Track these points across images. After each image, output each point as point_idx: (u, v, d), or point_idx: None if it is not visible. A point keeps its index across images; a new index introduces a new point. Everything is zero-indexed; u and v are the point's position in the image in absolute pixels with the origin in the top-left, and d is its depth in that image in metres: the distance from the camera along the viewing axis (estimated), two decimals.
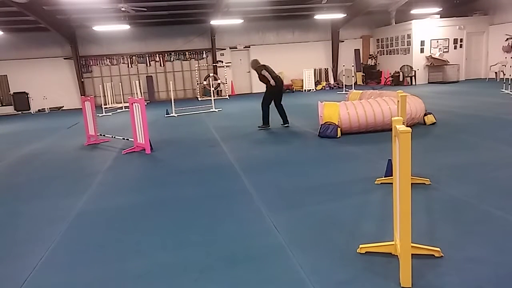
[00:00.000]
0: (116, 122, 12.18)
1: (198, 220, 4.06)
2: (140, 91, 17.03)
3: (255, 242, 3.48)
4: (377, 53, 20.33)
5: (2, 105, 17.59)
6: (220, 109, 13.47)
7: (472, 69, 17.93)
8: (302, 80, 18.93)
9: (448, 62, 17.15)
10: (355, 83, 18.77)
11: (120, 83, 17.81)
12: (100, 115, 13.78)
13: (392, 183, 3.22)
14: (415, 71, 17.26)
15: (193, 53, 18.96)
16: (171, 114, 12.76)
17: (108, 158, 7.22)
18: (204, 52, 19.02)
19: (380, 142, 6.81)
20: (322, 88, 19.02)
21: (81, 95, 15.02)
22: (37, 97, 17.52)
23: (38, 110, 17.70)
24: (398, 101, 4.49)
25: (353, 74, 19.08)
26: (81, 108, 9.17)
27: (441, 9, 17.21)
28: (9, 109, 17.58)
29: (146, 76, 18.62)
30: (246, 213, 4.16)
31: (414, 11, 16.91)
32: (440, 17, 17.61)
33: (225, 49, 19.15)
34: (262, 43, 19.43)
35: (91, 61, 18.15)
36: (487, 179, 4.67)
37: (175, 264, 3.17)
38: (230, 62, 19.17)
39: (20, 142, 9.66)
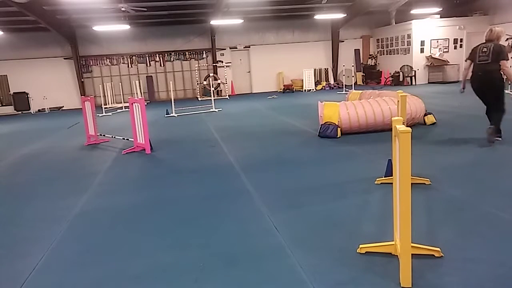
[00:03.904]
0: (116, 122, 12.18)
1: (198, 220, 4.06)
2: (140, 91, 17.03)
3: (255, 242, 3.48)
4: (377, 53, 20.32)
5: (2, 105, 17.59)
6: (220, 109, 13.48)
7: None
8: (302, 80, 18.93)
9: (448, 62, 17.14)
10: (355, 83, 18.77)
11: (120, 83, 17.80)
12: (100, 115, 13.79)
13: (392, 183, 3.22)
14: (415, 71, 17.26)
15: (193, 53, 18.96)
16: (171, 114, 12.76)
17: (108, 158, 7.22)
18: (204, 52, 19.02)
19: (380, 142, 6.81)
20: (322, 88, 19.02)
21: (81, 95, 15.03)
22: (37, 97, 17.52)
23: (38, 110, 17.70)
24: (398, 101, 4.49)
25: (353, 74, 19.08)
26: (81, 108, 9.17)
27: (441, 9, 17.20)
28: (9, 109, 17.59)
29: (146, 76, 18.62)
30: (246, 213, 4.16)
31: (414, 11, 16.91)
32: (440, 17, 17.61)
33: (225, 49, 19.15)
34: (262, 43, 19.43)
35: (91, 61, 18.15)
36: (487, 179, 4.67)
37: (175, 264, 3.17)
38: (230, 62, 19.18)
39: (20, 142, 9.66)
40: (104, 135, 8.78)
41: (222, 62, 18.90)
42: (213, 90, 14.96)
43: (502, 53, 5.92)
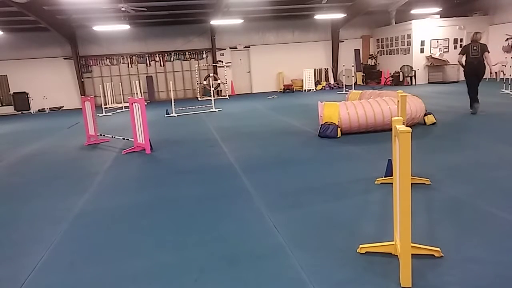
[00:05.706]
0: (116, 122, 12.18)
1: (198, 220, 4.06)
2: (140, 91, 17.03)
3: (255, 242, 3.48)
4: (377, 53, 20.32)
5: (2, 105, 17.59)
6: (220, 109, 13.48)
7: None
8: (302, 80, 18.92)
9: (448, 62, 17.14)
10: (355, 83, 18.76)
11: (120, 83, 17.80)
12: (100, 115, 13.79)
13: (392, 183, 3.22)
14: (415, 71, 17.26)
15: (193, 53, 18.96)
16: (171, 114, 12.76)
17: (108, 158, 7.22)
18: (204, 52, 19.02)
19: (380, 142, 6.81)
20: (322, 88, 19.01)
21: (81, 95, 15.03)
22: (37, 97, 17.51)
23: (38, 110, 17.69)
24: (398, 101, 4.49)
25: (353, 74, 19.08)
26: (81, 108, 9.18)
27: (441, 9, 17.21)
28: (9, 109, 17.58)
29: (146, 76, 18.63)
30: (246, 213, 4.16)
31: (414, 11, 16.91)
32: (440, 17, 17.61)
33: (225, 49, 19.15)
34: (262, 43, 19.43)
35: (91, 61, 18.15)
36: (487, 179, 4.67)
37: (175, 264, 3.17)
38: (230, 62, 19.17)
39: (20, 142, 9.66)
40: (104, 135, 8.78)
41: (222, 62, 18.90)
42: (213, 90, 14.96)
43: (486, 49, 8.74)
